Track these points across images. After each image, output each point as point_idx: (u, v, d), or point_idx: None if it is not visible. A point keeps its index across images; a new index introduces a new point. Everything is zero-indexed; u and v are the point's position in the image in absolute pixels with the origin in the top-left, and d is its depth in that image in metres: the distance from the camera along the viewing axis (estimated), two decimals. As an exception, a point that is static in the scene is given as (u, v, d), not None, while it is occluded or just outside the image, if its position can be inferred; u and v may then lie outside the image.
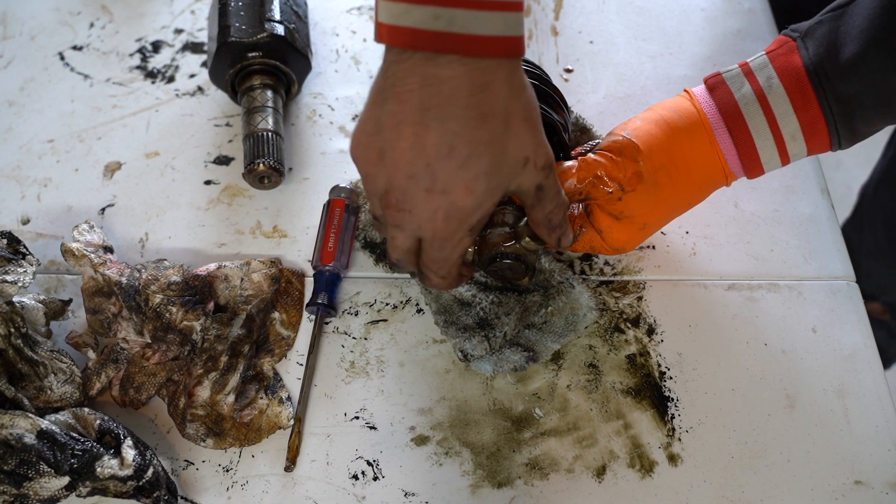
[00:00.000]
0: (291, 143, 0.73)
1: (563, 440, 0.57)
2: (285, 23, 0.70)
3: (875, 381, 0.60)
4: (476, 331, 0.57)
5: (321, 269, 0.63)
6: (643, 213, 0.57)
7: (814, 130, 0.54)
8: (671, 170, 0.56)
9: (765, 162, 0.56)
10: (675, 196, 0.57)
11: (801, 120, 0.54)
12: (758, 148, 0.55)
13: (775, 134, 0.54)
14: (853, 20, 0.52)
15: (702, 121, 0.56)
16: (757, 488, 0.55)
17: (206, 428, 0.57)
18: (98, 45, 0.81)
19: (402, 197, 0.47)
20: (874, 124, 0.54)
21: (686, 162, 0.56)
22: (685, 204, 0.59)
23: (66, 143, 0.74)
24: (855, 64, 0.51)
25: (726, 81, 0.56)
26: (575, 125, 0.67)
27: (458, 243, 0.50)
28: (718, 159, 0.56)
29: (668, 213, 0.59)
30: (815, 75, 0.53)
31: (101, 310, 0.59)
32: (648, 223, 0.58)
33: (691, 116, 0.56)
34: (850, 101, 0.53)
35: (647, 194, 0.56)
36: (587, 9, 0.83)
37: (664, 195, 0.57)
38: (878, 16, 0.51)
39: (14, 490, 0.49)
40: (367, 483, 0.56)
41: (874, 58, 0.51)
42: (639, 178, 0.56)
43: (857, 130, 0.54)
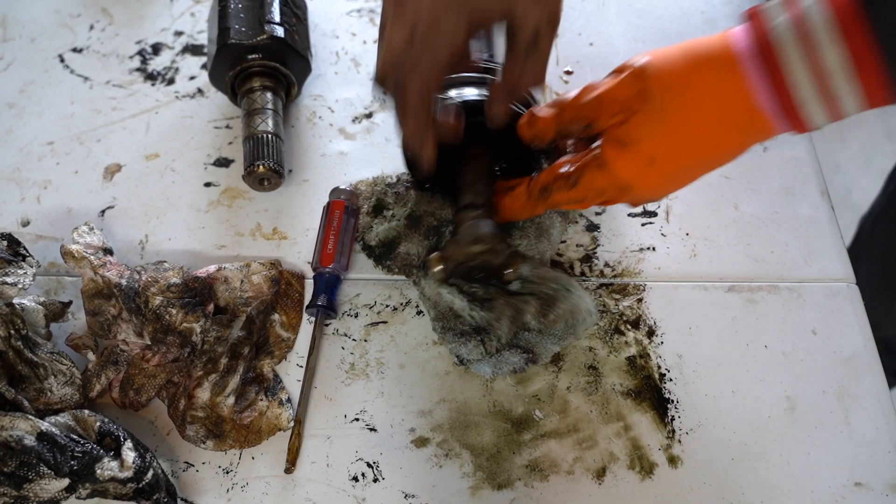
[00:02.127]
0: (291, 145, 0.73)
1: (563, 442, 0.57)
2: (285, 25, 0.71)
3: (875, 383, 0.60)
4: (472, 336, 0.57)
5: (321, 270, 0.63)
6: (649, 140, 0.50)
7: (864, 63, 0.43)
8: (682, 94, 0.49)
9: (802, 102, 0.46)
10: (687, 127, 0.50)
11: (848, 49, 0.43)
12: (791, 84, 0.46)
13: (813, 66, 0.44)
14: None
15: (727, 48, 0.48)
16: (757, 490, 0.55)
17: (206, 430, 0.57)
18: (98, 48, 0.81)
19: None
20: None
21: (702, 89, 0.49)
22: (702, 143, 0.50)
23: (65, 145, 0.74)
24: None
25: (763, 10, 0.47)
26: None
27: (451, 31, 0.52)
28: (742, 93, 0.47)
29: (679, 148, 0.51)
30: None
31: (101, 312, 0.59)
32: (656, 156, 0.51)
33: (717, 44, 0.49)
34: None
35: (653, 118, 0.50)
36: (587, 11, 0.84)
37: (673, 122, 0.50)
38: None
39: (14, 492, 0.49)
40: (368, 485, 0.56)
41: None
42: (643, 96, 0.50)
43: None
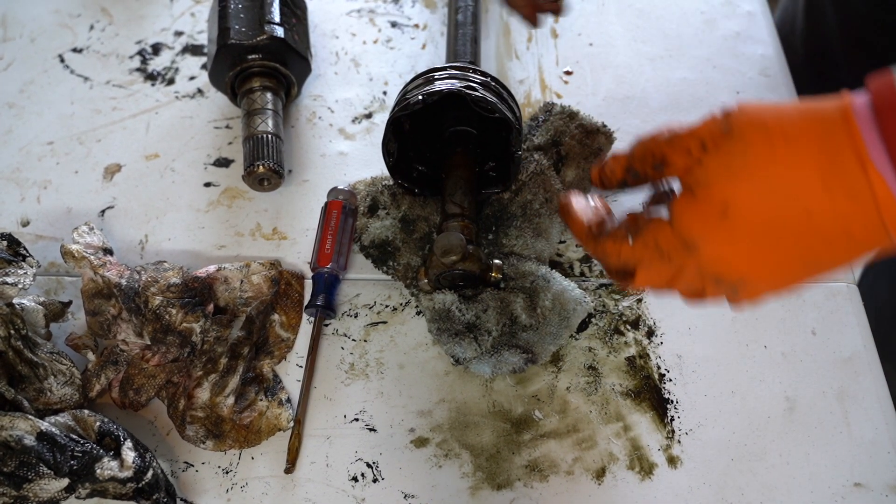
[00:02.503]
0: (291, 146, 0.73)
1: (562, 442, 0.57)
2: (285, 25, 0.71)
3: (875, 383, 0.60)
4: (465, 334, 0.57)
5: (319, 270, 0.63)
6: (725, 182, 0.41)
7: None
8: (773, 132, 0.40)
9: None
10: (772, 170, 0.40)
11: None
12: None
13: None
14: None
15: (841, 102, 0.39)
16: (756, 490, 0.55)
17: (205, 430, 0.57)
18: (98, 48, 0.81)
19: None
20: None
21: (798, 131, 0.40)
22: (791, 201, 0.40)
23: (65, 145, 0.74)
24: None
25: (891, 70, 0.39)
26: (582, 127, 0.67)
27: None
28: (853, 149, 0.38)
29: (760, 199, 0.40)
30: None
31: (101, 312, 0.59)
32: (730, 204, 0.41)
33: (828, 99, 0.40)
34: None
35: (733, 155, 0.41)
36: (587, 11, 0.84)
37: (756, 161, 0.40)
38: None
39: (14, 492, 0.49)
40: (367, 485, 0.56)
41: None
42: (725, 132, 0.41)
43: None
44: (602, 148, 0.67)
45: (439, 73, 0.61)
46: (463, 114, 0.64)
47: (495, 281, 0.59)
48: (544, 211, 0.63)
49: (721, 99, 0.76)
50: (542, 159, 0.65)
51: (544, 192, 0.64)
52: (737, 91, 0.77)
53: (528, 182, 0.64)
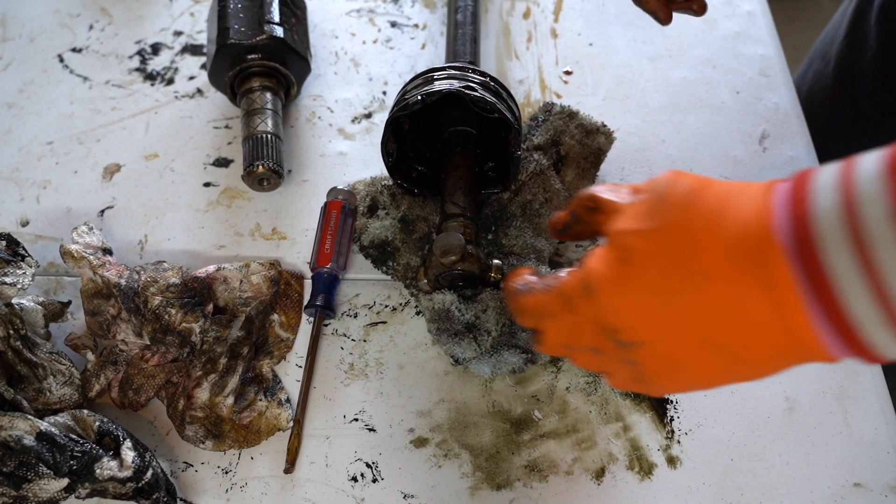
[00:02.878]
0: (291, 145, 0.73)
1: (562, 442, 0.57)
2: (284, 25, 0.71)
3: (874, 383, 0.60)
4: (464, 334, 0.57)
5: (318, 270, 0.63)
6: (632, 233, 0.40)
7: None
8: (694, 236, 0.38)
9: (860, 323, 0.34)
10: (684, 226, 0.38)
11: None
12: (840, 294, 0.34)
13: (871, 277, 0.33)
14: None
15: (764, 231, 0.36)
16: (756, 491, 0.55)
17: (205, 430, 0.57)
18: (97, 48, 0.81)
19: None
20: None
21: (716, 206, 0.38)
22: (696, 259, 0.37)
23: (65, 145, 0.74)
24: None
25: (809, 182, 0.36)
26: (581, 127, 0.67)
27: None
28: (771, 286, 0.35)
29: (665, 251, 0.39)
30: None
31: (100, 312, 0.59)
32: (634, 250, 0.40)
33: (752, 218, 0.37)
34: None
35: (645, 203, 0.41)
36: (587, 11, 0.84)
37: (668, 213, 0.39)
38: None
39: (13, 492, 0.49)
40: (367, 485, 0.56)
41: None
42: (645, 190, 0.41)
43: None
44: (602, 148, 0.67)
45: (438, 73, 0.61)
46: (462, 114, 0.64)
47: (495, 281, 0.59)
48: (544, 211, 0.63)
49: (721, 99, 0.76)
50: (542, 159, 0.65)
51: (544, 192, 0.64)
52: (737, 91, 0.77)
53: (527, 182, 0.64)
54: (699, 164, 0.72)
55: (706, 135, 0.74)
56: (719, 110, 0.76)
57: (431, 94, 0.58)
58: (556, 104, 0.69)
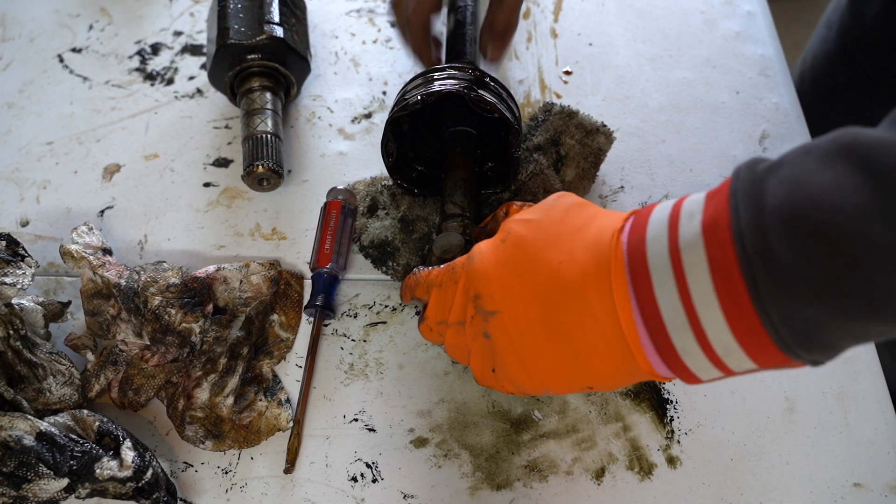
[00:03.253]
0: (290, 146, 0.73)
1: (562, 442, 0.57)
2: (284, 25, 0.71)
3: (874, 383, 0.60)
4: None
5: (318, 271, 0.63)
6: (515, 220, 0.48)
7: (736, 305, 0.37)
8: (558, 253, 0.44)
9: (674, 336, 0.39)
10: (548, 260, 0.44)
11: (714, 278, 0.37)
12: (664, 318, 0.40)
13: (689, 312, 0.38)
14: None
15: (611, 251, 0.42)
16: (756, 491, 0.55)
17: (205, 430, 0.57)
18: (97, 48, 0.81)
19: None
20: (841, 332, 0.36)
21: (575, 261, 0.43)
22: (559, 289, 0.43)
23: (65, 145, 0.74)
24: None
25: (650, 213, 0.42)
26: (581, 127, 0.67)
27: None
28: (610, 302, 0.41)
29: (531, 258, 0.45)
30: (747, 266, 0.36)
31: (100, 312, 0.59)
32: (511, 235, 0.47)
33: (606, 234, 0.43)
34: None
35: (535, 209, 0.49)
36: (586, 11, 0.84)
37: (535, 249, 0.45)
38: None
39: (13, 492, 0.49)
40: (367, 485, 0.56)
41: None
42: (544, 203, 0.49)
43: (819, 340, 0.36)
44: (602, 148, 0.67)
45: (439, 73, 0.61)
46: (462, 114, 0.64)
47: None
48: None
49: (721, 99, 0.76)
50: (542, 159, 0.65)
51: (544, 192, 0.64)
52: (737, 91, 0.77)
53: (527, 182, 0.64)
54: (699, 164, 0.72)
55: (706, 135, 0.74)
56: (719, 110, 0.76)
57: (431, 94, 0.58)
58: (556, 104, 0.69)
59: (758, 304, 0.36)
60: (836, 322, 0.35)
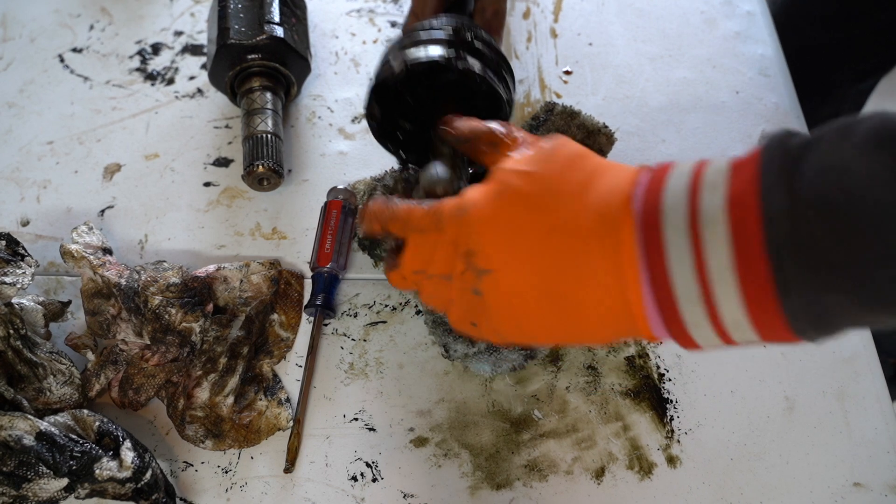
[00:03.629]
0: (291, 145, 0.73)
1: (562, 442, 0.57)
2: (285, 25, 0.71)
3: (874, 383, 0.60)
4: None
5: (319, 270, 0.63)
6: (512, 172, 0.44)
7: (751, 272, 0.36)
8: (565, 204, 0.42)
9: (679, 297, 0.38)
10: (552, 217, 0.42)
11: (735, 250, 0.36)
12: (671, 275, 0.38)
13: (698, 260, 0.37)
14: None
15: (624, 209, 0.40)
16: (756, 490, 0.55)
17: (205, 429, 0.57)
18: (98, 48, 0.81)
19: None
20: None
21: (582, 221, 0.41)
22: (560, 240, 0.41)
23: (65, 145, 0.74)
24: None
25: (665, 178, 0.40)
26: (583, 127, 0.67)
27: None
28: (620, 260, 0.40)
29: (532, 208, 0.43)
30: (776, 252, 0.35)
31: (101, 311, 0.59)
32: (508, 187, 0.44)
33: (619, 194, 0.41)
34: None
35: (534, 149, 0.45)
36: (586, 11, 0.84)
37: (539, 195, 0.43)
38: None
39: (13, 491, 0.49)
40: (367, 484, 0.56)
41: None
42: (543, 151, 0.45)
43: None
44: (603, 148, 0.67)
45: (425, 33, 0.58)
46: (452, 77, 0.60)
47: None
48: None
49: (721, 99, 0.76)
50: None
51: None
52: (737, 91, 0.77)
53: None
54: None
55: (706, 135, 0.74)
56: (719, 110, 0.76)
57: (417, 64, 0.55)
58: (558, 104, 0.69)
59: (782, 289, 0.35)
60: (855, 311, 0.35)
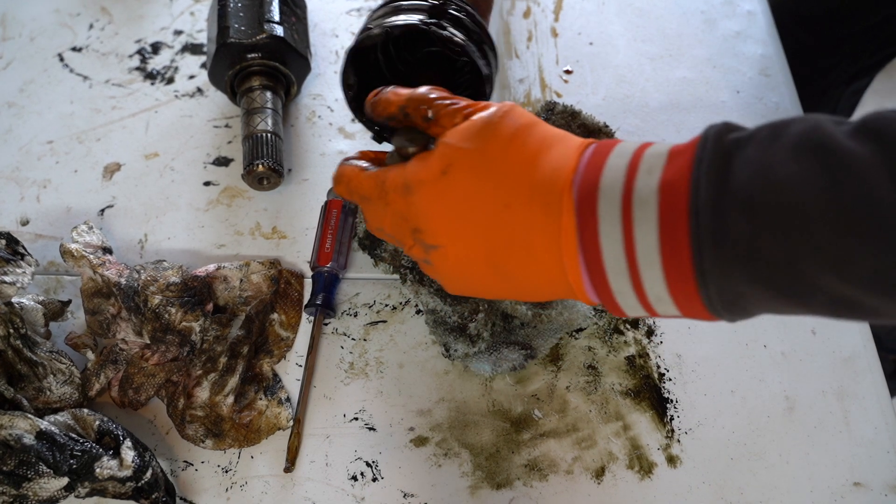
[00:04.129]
0: (291, 145, 0.73)
1: (562, 441, 0.57)
2: (285, 24, 0.71)
3: (874, 383, 0.60)
4: (461, 330, 0.57)
5: (319, 269, 0.63)
6: (457, 151, 0.44)
7: (675, 254, 0.38)
8: (513, 165, 0.43)
9: (609, 269, 0.40)
10: (495, 187, 0.43)
11: (661, 231, 0.38)
12: (602, 246, 0.40)
13: (627, 238, 0.39)
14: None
15: (564, 183, 0.41)
16: (756, 490, 0.55)
17: (205, 429, 0.57)
18: (97, 47, 0.81)
19: None
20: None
21: (524, 187, 0.42)
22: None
23: (65, 144, 0.74)
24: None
25: (607, 157, 0.41)
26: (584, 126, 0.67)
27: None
28: (557, 229, 0.41)
29: (475, 188, 0.43)
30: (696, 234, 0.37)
31: (100, 311, 0.59)
32: (453, 167, 0.44)
33: (562, 168, 0.42)
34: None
35: (477, 143, 0.44)
36: (587, 10, 0.84)
37: (483, 168, 0.43)
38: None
39: (13, 490, 0.49)
40: (367, 484, 0.56)
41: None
42: (484, 129, 0.44)
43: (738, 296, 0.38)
44: None
45: (408, 3, 0.56)
46: (433, 47, 0.60)
47: None
48: None
49: (721, 99, 0.76)
50: None
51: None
52: (737, 90, 0.77)
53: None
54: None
55: (706, 134, 0.74)
56: (719, 110, 0.76)
57: (395, 27, 0.54)
58: (559, 103, 0.69)
59: (699, 275, 0.37)
60: (765, 301, 0.37)
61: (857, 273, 0.34)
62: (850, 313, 0.36)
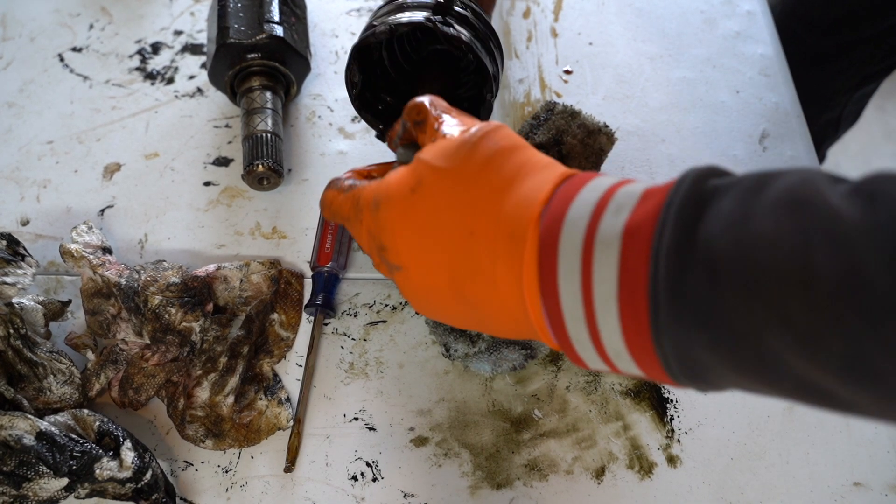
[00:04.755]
0: (290, 145, 0.73)
1: (562, 441, 0.57)
2: (284, 24, 0.71)
3: (874, 382, 0.60)
4: (461, 330, 0.57)
5: (319, 269, 0.63)
6: (429, 169, 0.42)
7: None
8: (484, 197, 0.40)
9: (566, 310, 0.37)
10: (463, 215, 0.40)
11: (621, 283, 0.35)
12: (560, 286, 0.37)
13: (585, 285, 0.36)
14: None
15: (530, 222, 0.38)
16: (756, 490, 0.55)
17: (205, 429, 0.57)
18: (97, 47, 0.81)
19: None
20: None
21: (492, 220, 0.40)
22: (465, 244, 0.40)
23: (65, 144, 0.74)
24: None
25: (580, 190, 0.38)
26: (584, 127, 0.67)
27: None
28: (518, 270, 0.39)
29: (442, 207, 0.41)
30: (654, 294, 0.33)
31: (101, 311, 0.59)
32: (423, 185, 0.42)
33: (530, 205, 0.39)
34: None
35: (451, 167, 0.42)
36: (586, 10, 0.84)
37: (454, 191, 0.41)
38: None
39: (13, 491, 0.49)
40: (367, 484, 0.56)
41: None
42: (467, 148, 0.41)
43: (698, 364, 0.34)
44: (603, 148, 0.67)
45: (414, 0, 0.56)
46: (438, 45, 0.60)
47: None
48: None
49: (721, 98, 0.76)
50: None
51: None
52: (737, 90, 0.77)
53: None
54: (699, 163, 0.72)
55: (706, 134, 0.74)
56: (719, 110, 0.76)
57: (400, 25, 0.54)
58: (559, 103, 0.69)
59: (654, 330, 0.33)
60: (726, 373, 0.33)
61: (830, 356, 0.29)
62: (823, 403, 0.31)
